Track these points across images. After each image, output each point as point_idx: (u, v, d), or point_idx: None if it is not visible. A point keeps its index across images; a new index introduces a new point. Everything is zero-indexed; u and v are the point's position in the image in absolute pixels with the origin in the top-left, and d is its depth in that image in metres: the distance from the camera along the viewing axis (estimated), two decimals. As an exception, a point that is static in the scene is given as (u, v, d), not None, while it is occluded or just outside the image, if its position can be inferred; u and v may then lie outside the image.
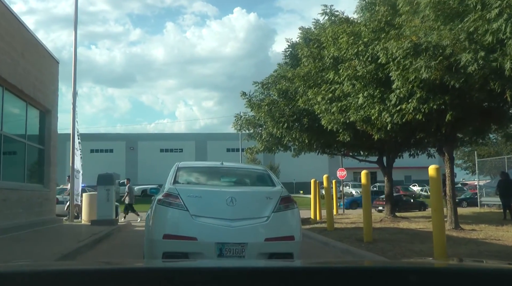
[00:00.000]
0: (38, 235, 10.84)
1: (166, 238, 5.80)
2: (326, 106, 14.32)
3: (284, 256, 5.88)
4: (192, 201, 5.95)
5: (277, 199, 6.17)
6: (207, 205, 5.98)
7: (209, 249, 5.71)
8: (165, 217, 6.00)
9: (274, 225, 6.02)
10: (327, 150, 19.43)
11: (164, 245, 5.79)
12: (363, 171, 10.62)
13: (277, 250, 5.92)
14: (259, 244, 5.89)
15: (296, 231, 6.22)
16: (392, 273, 1.53)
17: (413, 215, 20.65)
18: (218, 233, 5.80)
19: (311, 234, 12.29)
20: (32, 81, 12.27)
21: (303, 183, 60.02)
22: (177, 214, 5.88)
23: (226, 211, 5.89)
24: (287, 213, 6.23)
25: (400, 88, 10.57)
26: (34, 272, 1.54)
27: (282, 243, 6.02)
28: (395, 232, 12.36)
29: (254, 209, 6.13)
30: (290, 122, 16.00)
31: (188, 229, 5.81)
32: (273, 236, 5.96)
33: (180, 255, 5.68)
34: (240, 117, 19.58)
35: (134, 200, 19.37)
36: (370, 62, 11.35)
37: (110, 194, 13.92)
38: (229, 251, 5.78)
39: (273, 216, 6.01)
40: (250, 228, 5.93)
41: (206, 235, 5.78)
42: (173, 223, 5.94)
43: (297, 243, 6.16)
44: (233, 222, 5.85)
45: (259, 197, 6.40)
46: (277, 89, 17.48)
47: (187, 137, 67.01)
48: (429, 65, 8.70)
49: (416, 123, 12.45)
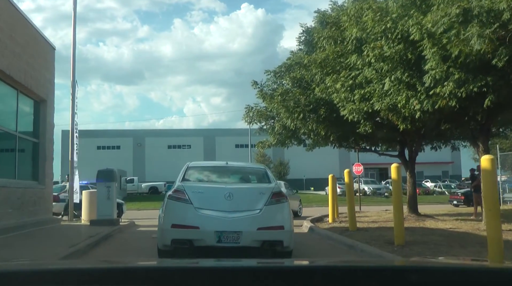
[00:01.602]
0: (27, 238, 9.64)
1: (174, 227, 6.86)
2: (346, 94, 13.05)
3: (275, 244, 6.96)
4: (196, 196, 6.97)
5: (269, 194, 7.11)
6: (209, 199, 7.02)
7: (210, 236, 6.72)
8: (173, 209, 7.04)
9: (266, 216, 6.95)
10: (344, 144, 18.09)
11: (172, 233, 6.86)
12: (394, 165, 9.31)
13: (268, 238, 6.93)
14: (252, 232, 6.83)
15: (286, 222, 7.16)
16: (393, 272, 1.55)
17: (435, 213, 19.27)
18: (217, 223, 6.78)
19: (333, 235, 11.02)
20: (22, 66, 11.09)
21: (314, 179, 59.00)
22: (183, 207, 6.90)
23: (225, 204, 6.88)
24: (278, 206, 7.15)
25: (435, 68, 9.26)
26: (33, 271, 1.57)
27: (273, 232, 6.97)
28: (425, 233, 11.06)
29: (249, 202, 7.07)
30: (306, 113, 14.69)
31: (192, 220, 6.81)
32: (264, 225, 6.90)
33: (185, 241, 6.79)
34: (251, 109, 18.27)
35: None
36: (399, 40, 10.04)
37: (110, 191, 12.70)
38: (227, 238, 6.72)
39: (265, 209, 6.97)
40: (244, 218, 6.86)
41: (207, 224, 6.77)
42: (179, 215, 6.95)
43: (287, 232, 7.08)
44: (230, 214, 6.83)
45: (254, 192, 7.40)
46: (291, 77, 16.19)
47: (195, 133, 65.88)
48: (482, 35, 7.35)
49: (448, 111, 11.17)
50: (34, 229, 10.90)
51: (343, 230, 11.94)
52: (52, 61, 13.52)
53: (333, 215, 14.96)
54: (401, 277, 1.47)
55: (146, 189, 47.52)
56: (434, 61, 9.22)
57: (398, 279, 1.45)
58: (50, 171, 13.26)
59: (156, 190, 46.99)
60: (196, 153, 61.66)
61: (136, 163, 61.10)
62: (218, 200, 6.94)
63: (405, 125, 12.18)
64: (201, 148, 63.15)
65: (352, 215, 12.10)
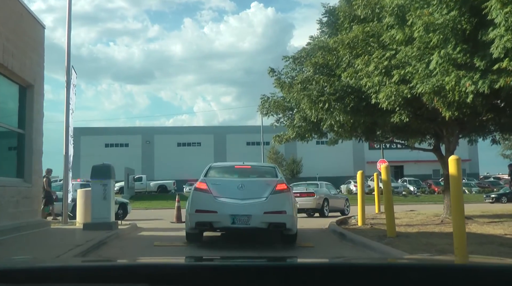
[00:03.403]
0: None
1: (197, 212, 8.55)
2: (380, 77, 11.23)
3: (279, 225, 8.50)
4: (214, 187, 8.67)
5: (274, 186, 8.70)
6: (225, 189, 8.68)
7: (226, 219, 8.32)
8: (197, 198, 8.71)
9: (271, 203, 8.50)
10: (373, 137, 16.18)
11: (196, 217, 8.54)
12: (452, 157, 7.39)
13: (273, 221, 8.44)
14: (260, 215, 8.35)
15: (288, 208, 8.62)
16: (393, 271, 1.54)
17: (469, 214, 17.27)
18: (232, 208, 8.38)
19: (371, 243, 9.13)
20: (1, 42, 9.36)
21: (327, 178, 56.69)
22: (204, 196, 8.59)
23: (237, 193, 8.53)
24: (281, 195, 8.72)
25: (504, 35, 7.39)
26: (33, 269, 1.58)
27: (276, 215, 8.47)
28: (482, 241, 9.13)
29: (257, 192, 8.66)
30: (332, 102, 12.81)
31: (211, 205, 8.45)
32: (269, 210, 8.44)
33: (206, 223, 8.49)
34: (266, 99, 16.41)
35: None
36: (455, 3, 8.16)
37: (107, 190, 10.91)
38: (239, 220, 8.30)
39: (270, 197, 8.55)
40: (253, 204, 8.43)
41: (223, 209, 8.38)
42: (201, 202, 8.61)
43: (289, 216, 8.55)
44: (242, 201, 8.45)
45: (261, 184, 9.01)
46: (313, 63, 14.32)
47: (205, 130, 64.21)
48: None
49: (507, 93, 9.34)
50: (12, 236, 9.10)
51: (380, 236, 10.07)
52: (42, 42, 11.78)
53: (362, 217, 13.08)
54: (403, 275, 1.45)
55: (155, 187, 45.86)
56: (502, 27, 7.35)
57: (401, 277, 1.43)
58: (38, 167, 11.51)
59: (165, 188, 45.32)
60: (206, 151, 60.12)
61: (145, 161, 59.65)
62: (232, 190, 8.60)
63: (451, 113, 10.32)
64: (211, 146, 61.52)
65: (391, 219, 10.23)
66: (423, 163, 52.19)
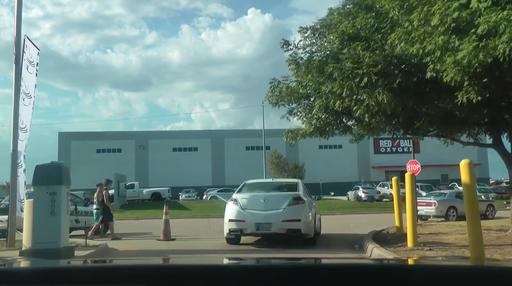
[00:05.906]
0: None
1: (230, 221, 11.04)
2: (446, 37, 7.84)
3: (295, 231, 10.69)
4: (243, 201, 11.20)
5: (291, 198, 11.04)
6: (251, 202, 11.13)
7: (251, 226, 10.76)
8: (230, 210, 11.16)
9: (288, 213, 10.76)
10: (413, 130, 12.66)
11: (229, 225, 11.05)
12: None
13: (290, 227, 10.63)
14: (279, 223, 10.63)
15: (302, 216, 10.83)
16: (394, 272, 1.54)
17: None
18: (256, 217, 10.80)
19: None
20: None
21: (331, 184, 53.47)
22: (236, 208, 11.08)
23: (261, 205, 10.95)
24: (297, 206, 10.92)
25: None
26: (33, 270, 1.59)
27: (293, 223, 10.65)
28: None
29: (277, 204, 10.98)
30: (372, 76, 9.36)
31: (240, 216, 10.92)
32: (287, 219, 10.66)
33: (237, 230, 11.01)
34: (277, 84, 12.97)
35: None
36: None
37: (56, 201, 7.41)
38: (262, 227, 10.71)
39: (288, 208, 10.82)
40: (274, 214, 10.74)
41: (250, 218, 10.82)
42: (233, 213, 11.05)
43: (304, 223, 10.78)
44: (264, 212, 10.82)
45: (280, 197, 11.35)
46: (340, 31, 10.93)
47: (202, 134, 60.77)
48: None
49: None
50: None
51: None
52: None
53: (414, 236, 9.56)
54: (405, 277, 1.45)
55: (148, 195, 42.17)
56: None
57: (402, 279, 1.43)
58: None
59: (159, 196, 41.64)
60: (203, 157, 56.83)
61: (139, 167, 56.29)
62: (257, 203, 11.06)
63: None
64: (208, 151, 58.23)
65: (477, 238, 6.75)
66: (430, 168, 48.54)
